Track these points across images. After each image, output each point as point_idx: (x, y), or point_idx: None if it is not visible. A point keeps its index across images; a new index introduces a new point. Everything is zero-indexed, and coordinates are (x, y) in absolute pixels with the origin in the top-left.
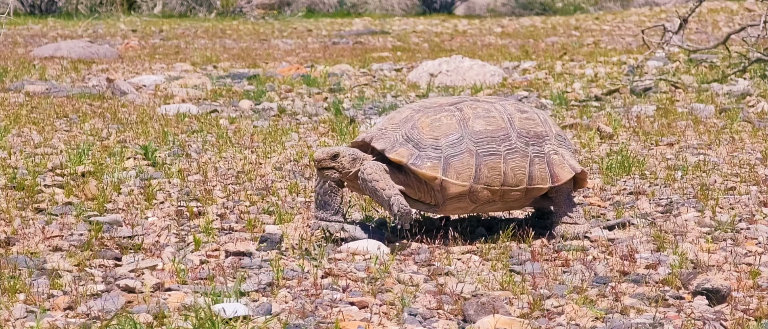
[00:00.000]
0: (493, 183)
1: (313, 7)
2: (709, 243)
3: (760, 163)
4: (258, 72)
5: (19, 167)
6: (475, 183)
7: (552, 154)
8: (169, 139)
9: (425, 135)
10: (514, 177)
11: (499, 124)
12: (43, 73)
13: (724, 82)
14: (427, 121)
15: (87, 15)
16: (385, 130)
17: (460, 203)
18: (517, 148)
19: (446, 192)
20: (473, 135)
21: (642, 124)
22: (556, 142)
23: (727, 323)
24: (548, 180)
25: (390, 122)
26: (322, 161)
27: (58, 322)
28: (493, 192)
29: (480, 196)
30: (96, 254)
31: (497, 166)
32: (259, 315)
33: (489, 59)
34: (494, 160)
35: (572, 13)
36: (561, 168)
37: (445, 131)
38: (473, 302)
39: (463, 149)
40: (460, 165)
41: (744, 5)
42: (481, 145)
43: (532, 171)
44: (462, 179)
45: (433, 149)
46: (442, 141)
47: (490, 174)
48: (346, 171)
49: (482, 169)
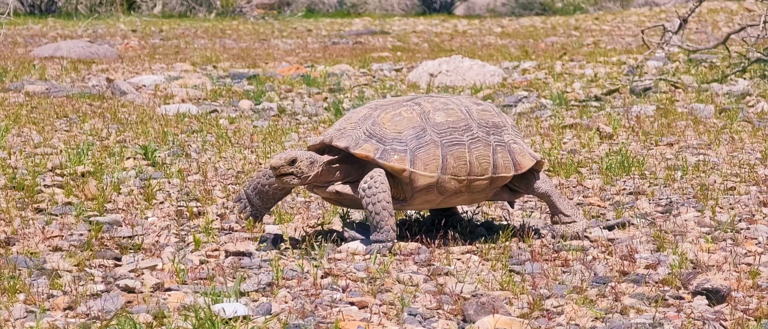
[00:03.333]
0: (460, 174)
1: (313, 7)
2: (708, 243)
3: (759, 162)
4: (258, 72)
5: (19, 167)
6: (442, 174)
7: (512, 143)
8: (169, 139)
9: (388, 130)
10: (480, 167)
11: (459, 116)
12: (43, 73)
13: (724, 82)
14: (387, 117)
15: (87, 15)
16: (344, 130)
17: (428, 195)
18: (480, 138)
19: (415, 185)
20: (436, 126)
21: (642, 124)
22: (512, 132)
23: (726, 323)
24: (511, 168)
25: (347, 121)
26: (280, 167)
27: (58, 322)
28: (460, 182)
29: (448, 187)
30: (96, 254)
31: (463, 156)
32: (258, 315)
33: (489, 59)
34: (459, 150)
35: (572, 13)
36: (522, 157)
37: (407, 124)
38: (473, 302)
39: (428, 140)
40: (426, 156)
41: (744, 5)
42: (445, 136)
43: (496, 159)
44: (430, 170)
45: (398, 142)
46: (405, 134)
47: (457, 164)
48: (305, 176)
49: (448, 159)
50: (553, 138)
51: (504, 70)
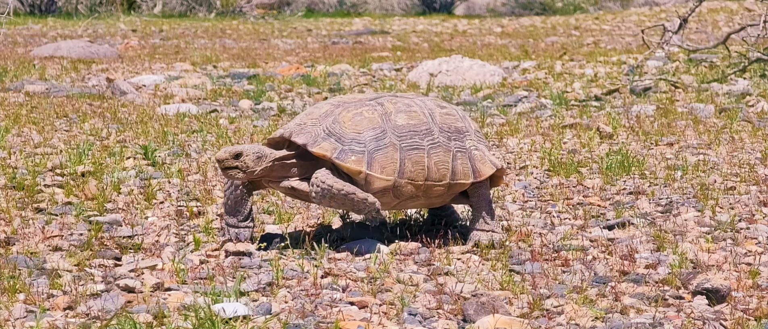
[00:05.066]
0: (417, 178)
1: (313, 6)
2: (708, 243)
3: (759, 162)
4: (258, 72)
5: (19, 167)
6: (399, 178)
7: (473, 150)
8: (169, 138)
9: (347, 129)
10: (438, 172)
11: (421, 119)
12: (42, 72)
13: (724, 81)
14: (348, 116)
15: (87, 15)
16: (304, 125)
17: (383, 198)
18: (440, 143)
19: (370, 187)
20: (396, 129)
21: (642, 123)
22: (475, 137)
23: (726, 323)
24: (470, 175)
25: (309, 117)
26: (225, 161)
27: (58, 322)
28: (416, 187)
29: (404, 191)
30: (96, 254)
31: (421, 161)
32: (258, 314)
33: (489, 59)
34: (418, 154)
35: (572, 12)
36: (482, 164)
37: (367, 125)
38: (473, 302)
39: (387, 143)
40: (384, 159)
41: (744, 5)
42: (405, 139)
43: (455, 166)
44: (386, 173)
45: (356, 143)
46: (365, 135)
47: (414, 169)
48: (251, 171)
49: (406, 164)
50: (553, 138)
51: (504, 69)
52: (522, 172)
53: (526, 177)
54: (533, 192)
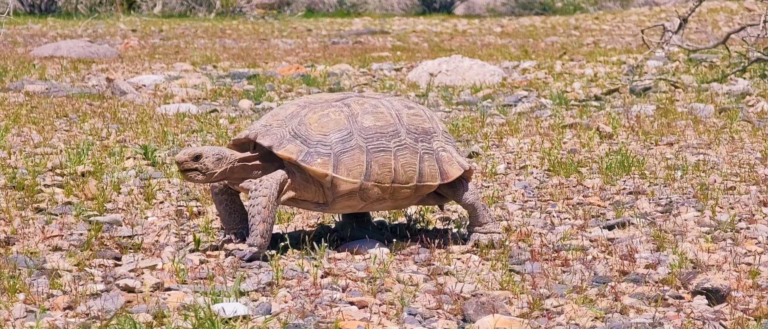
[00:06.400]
0: (384, 181)
1: (313, 6)
2: (708, 243)
3: (759, 162)
4: (258, 72)
5: (19, 167)
6: (365, 181)
7: (440, 151)
8: (169, 138)
9: (313, 131)
10: (405, 175)
11: (388, 120)
12: (42, 72)
13: (724, 81)
14: (314, 117)
15: (87, 15)
16: (270, 127)
17: (350, 201)
18: (407, 145)
19: (337, 190)
20: (363, 131)
21: (642, 123)
22: (443, 138)
23: (726, 323)
24: (438, 177)
25: (274, 118)
26: (184, 163)
27: (58, 322)
28: (383, 189)
29: (370, 194)
30: (96, 254)
31: (388, 163)
32: (258, 314)
33: (489, 59)
34: (385, 157)
35: (572, 12)
36: (450, 166)
37: (334, 127)
38: (473, 302)
39: (353, 145)
40: (350, 161)
41: (744, 5)
42: (371, 141)
43: (422, 168)
44: (353, 176)
45: (322, 145)
46: (331, 137)
47: (381, 171)
48: (211, 173)
49: (373, 166)
50: (553, 138)
51: (504, 69)
52: (522, 172)
53: (526, 177)
54: (533, 192)
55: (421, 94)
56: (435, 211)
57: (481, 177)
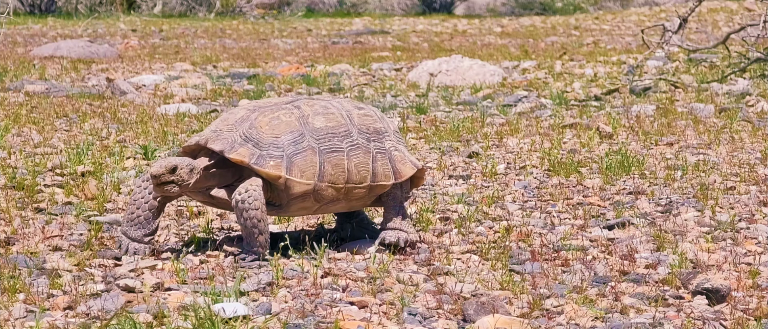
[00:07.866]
0: (338, 181)
1: (313, 6)
2: (708, 243)
3: (759, 162)
4: (258, 71)
5: (19, 167)
6: (319, 182)
7: (393, 151)
8: (169, 138)
9: (265, 134)
10: (358, 175)
11: (339, 121)
12: (42, 72)
13: (724, 81)
14: (265, 120)
15: (87, 15)
16: (220, 132)
17: (304, 203)
18: (360, 145)
19: (291, 192)
20: (314, 132)
21: (641, 123)
22: (394, 138)
23: (726, 323)
24: (391, 176)
25: (224, 123)
26: (162, 176)
27: (58, 322)
28: (337, 190)
29: (325, 195)
30: (96, 254)
31: (341, 163)
32: (258, 314)
33: (489, 59)
34: (337, 157)
35: (572, 12)
36: (403, 165)
37: (285, 129)
38: (473, 302)
39: (306, 147)
40: (303, 163)
41: (744, 5)
42: (323, 142)
43: (376, 167)
44: (306, 177)
45: (274, 148)
46: (283, 139)
47: (334, 172)
48: (186, 183)
49: (326, 167)
50: (553, 138)
51: (504, 69)
52: (522, 172)
53: (526, 177)
54: (533, 192)
55: (421, 94)
56: (435, 211)
57: (481, 177)
